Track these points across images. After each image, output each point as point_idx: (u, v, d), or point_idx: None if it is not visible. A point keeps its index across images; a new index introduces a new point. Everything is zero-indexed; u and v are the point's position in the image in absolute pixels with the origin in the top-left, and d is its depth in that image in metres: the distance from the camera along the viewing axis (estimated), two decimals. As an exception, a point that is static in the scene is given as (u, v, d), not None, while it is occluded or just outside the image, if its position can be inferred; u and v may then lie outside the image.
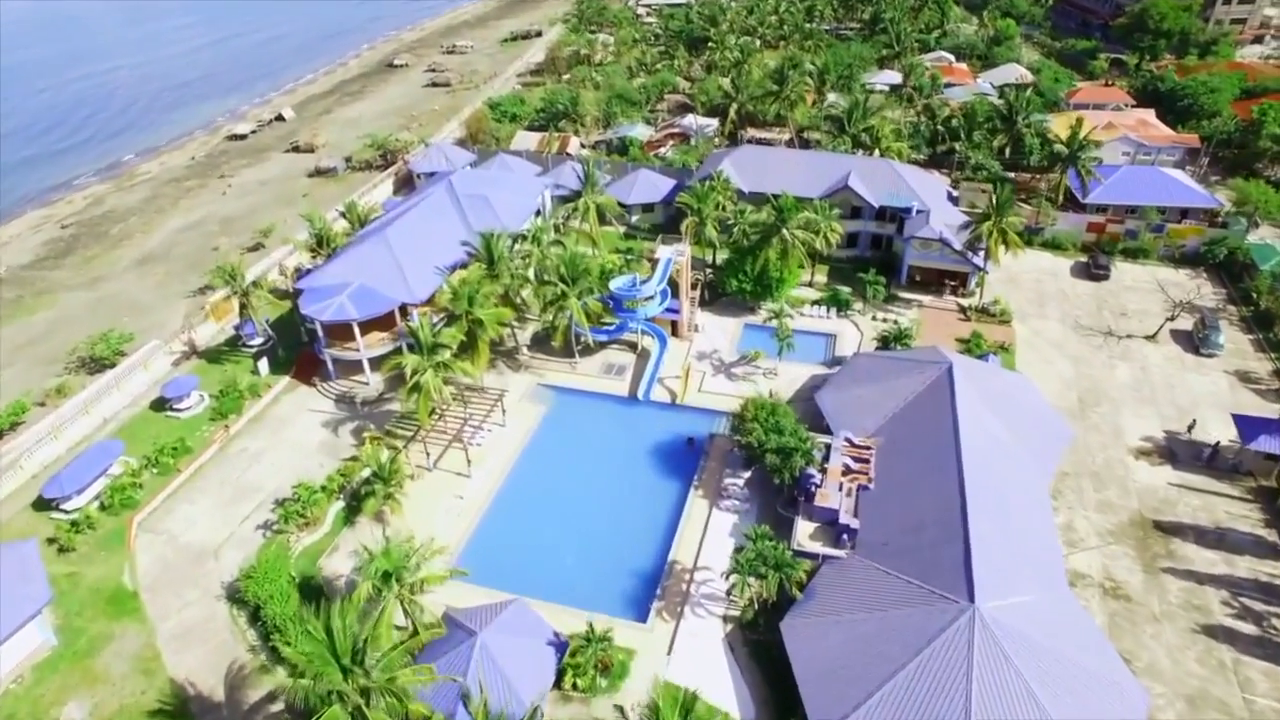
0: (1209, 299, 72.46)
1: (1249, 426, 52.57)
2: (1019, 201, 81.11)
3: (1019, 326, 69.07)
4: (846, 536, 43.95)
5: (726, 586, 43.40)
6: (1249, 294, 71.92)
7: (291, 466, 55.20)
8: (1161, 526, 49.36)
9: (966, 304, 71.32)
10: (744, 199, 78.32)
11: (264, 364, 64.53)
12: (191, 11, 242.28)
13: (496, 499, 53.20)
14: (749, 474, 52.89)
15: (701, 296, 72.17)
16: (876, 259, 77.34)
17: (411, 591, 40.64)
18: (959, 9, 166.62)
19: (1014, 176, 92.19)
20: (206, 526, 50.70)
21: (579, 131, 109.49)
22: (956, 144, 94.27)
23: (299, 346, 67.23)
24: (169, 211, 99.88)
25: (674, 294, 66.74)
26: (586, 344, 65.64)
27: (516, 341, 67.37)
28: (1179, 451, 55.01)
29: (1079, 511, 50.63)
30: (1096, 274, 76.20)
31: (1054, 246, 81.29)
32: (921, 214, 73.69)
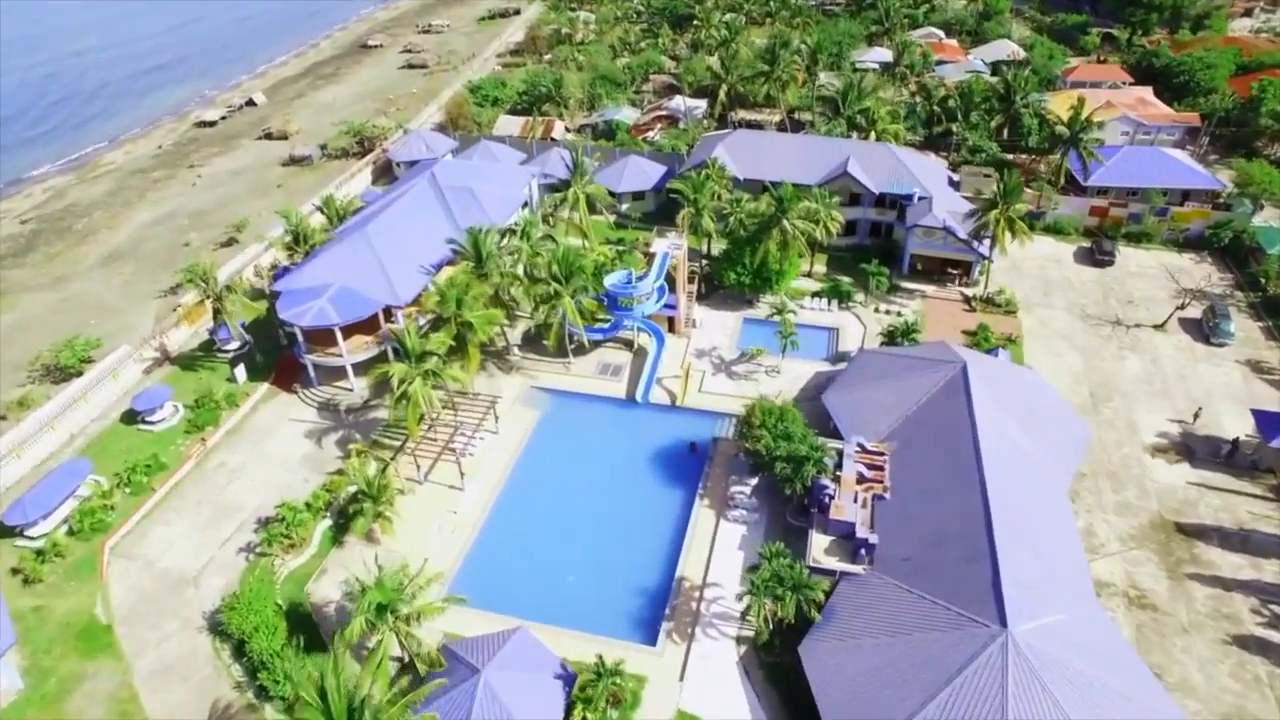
0: (1215, 285, 70.75)
1: (1270, 422, 50.91)
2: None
3: (1025, 317, 67.11)
4: (864, 551, 41.86)
5: (741, 608, 41.17)
6: (1256, 279, 70.27)
7: (274, 482, 52.29)
8: (1184, 529, 47.73)
9: (971, 294, 69.19)
10: (739, 186, 75.55)
11: (241, 370, 61.17)
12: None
13: (492, 513, 50.58)
14: (755, 481, 50.66)
15: (698, 290, 69.45)
16: (876, 247, 75.11)
17: (407, 623, 38.30)
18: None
19: (1012, 158, 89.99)
20: (185, 550, 47.65)
21: (563, 115, 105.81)
22: (954, 125, 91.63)
23: (278, 350, 63.84)
24: (136, 205, 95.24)
25: (671, 289, 64.06)
26: (581, 343, 62.81)
27: (507, 341, 64.39)
28: (1196, 448, 53.36)
29: (1098, 515, 48.89)
30: (1101, 260, 74.21)
31: (1055, 231, 79.25)
32: (924, 200, 71.32)
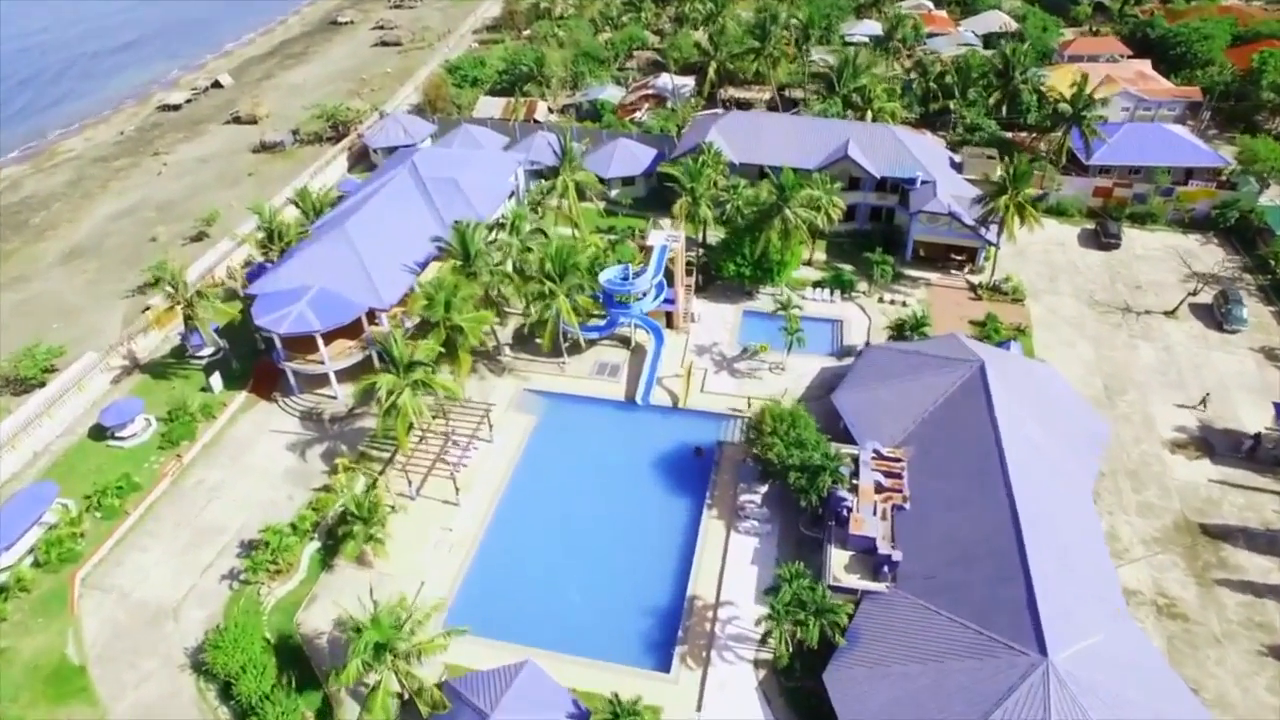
0: (1225, 268, 69.07)
1: (1293, 416, 49.46)
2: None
3: (1032, 305, 65.09)
4: (887, 568, 39.79)
5: (761, 632, 38.99)
6: (1265, 261, 68.60)
7: (256, 499, 49.28)
8: (1209, 530, 46.14)
9: (977, 281, 66.99)
10: (734, 171, 72.52)
11: (216, 379, 57.64)
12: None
13: (490, 529, 47.88)
14: (765, 488, 48.36)
15: (696, 282, 66.61)
16: (877, 232, 72.45)
17: (407, 661, 35.79)
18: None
19: (1011, 136, 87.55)
20: (162, 579, 44.57)
21: (545, 95, 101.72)
22: (951, 103, 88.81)
23: (255, 355, 60.32)
24: (98, 196, 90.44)
25: (669, 283, 61.20)
26: (575, 342, 59.93)
27: (497, 340, 61.31)
28: (1216, 443, 51.75)
29: (1120, 516, 47.18)
30: (1107, 243, 72.13)
31: (1059, 213, 76.75)
32: (927, 185, 68.75)
